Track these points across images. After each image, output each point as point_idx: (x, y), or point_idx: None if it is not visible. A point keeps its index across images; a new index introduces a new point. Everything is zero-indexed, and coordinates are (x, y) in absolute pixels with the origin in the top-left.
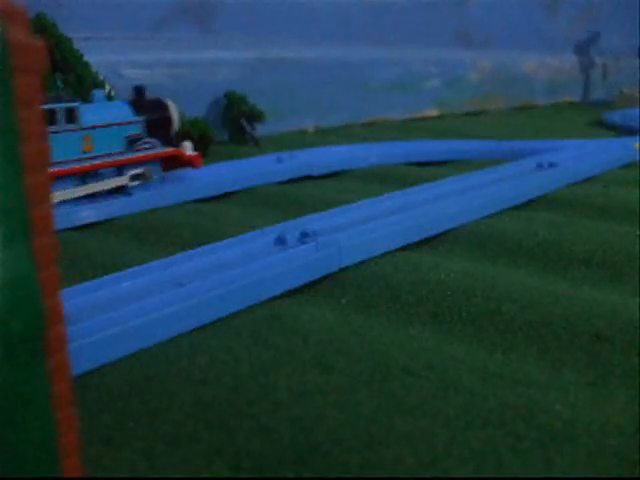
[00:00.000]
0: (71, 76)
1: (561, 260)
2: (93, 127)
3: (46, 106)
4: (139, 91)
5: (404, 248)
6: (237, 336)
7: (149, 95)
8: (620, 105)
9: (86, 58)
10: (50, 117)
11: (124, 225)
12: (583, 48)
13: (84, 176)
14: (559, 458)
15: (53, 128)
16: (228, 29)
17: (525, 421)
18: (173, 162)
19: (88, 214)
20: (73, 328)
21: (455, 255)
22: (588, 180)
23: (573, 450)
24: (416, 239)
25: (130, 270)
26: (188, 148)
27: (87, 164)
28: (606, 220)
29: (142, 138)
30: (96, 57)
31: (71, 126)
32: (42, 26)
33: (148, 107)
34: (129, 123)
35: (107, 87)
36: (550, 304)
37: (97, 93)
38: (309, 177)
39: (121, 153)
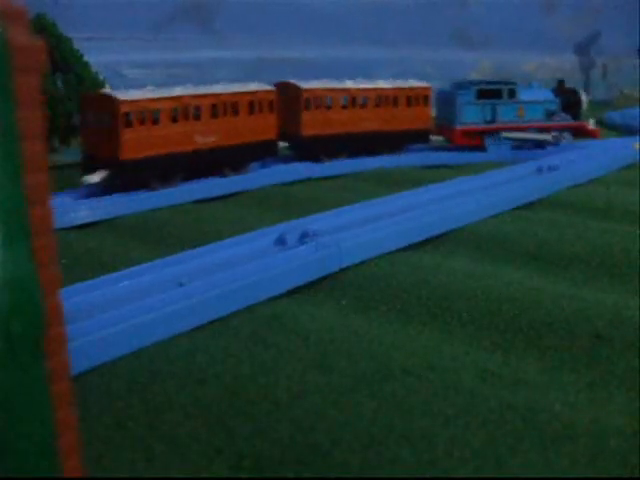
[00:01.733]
0: (71, 76)
1: (561, 260)
2: (526, 102)
3: (494, 86)
4: (560, 82)
5: (405, 249)
6: (237, 336)
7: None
8: (620, 105)
9: (86, 58)
10: (497, 93)
11: (124, 225)
12: (583, 48)
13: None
14: (559, 458)
15: (499, 101)
16: (228, 29)
17: (525, 421)
18: (580, 132)
19: (87, 214)
20: (73, 327)
21: (456, 256)
22: (588, 182)
23: (573, 450)
24: (417, 240)
25: (130, 269)
26: (591, 123)
27: (520, 125)
28: (606, 221)
29: (556, 113)
30: (96, 57)
31: (512, 100)
32: (42, 26)
33: (565, 93)
34: (549, 102)
35: (107, 87)
36: (550, 304)
37: (534, 83)
38: (309, 178)
39: (541, 121)
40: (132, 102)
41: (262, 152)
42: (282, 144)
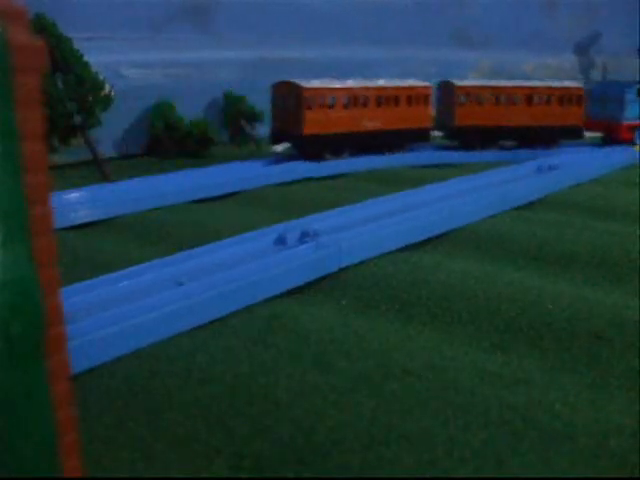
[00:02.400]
0: (71, 76)
1: (561, 260)
2: None
3: None
4: None
5: (405, 248)
6: (237, 336)
7: None
8: None
9: (86, 58)
10: None
11: (124, 225)
12: (583, 48)
13: None
14: (559, 458)
15: None
16: (228, 29)
17: (525, 421)
18: None
19: (87, 214)
20: (73, 327)
21: (455, 255)
22: (588, 182)
23: (573, 450)
24: (417, 239)
25: (130, 269)
26: None
27: None
28: (606, 221)
29: None
30: (96, 57)
31: None
32: (42, 26)
33: None
34: None
35: (107, 87)
36: (550, 304)
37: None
38: (309, 178)
39: None
40: (313, 89)
41: (417, 138)
42: (438, 133)
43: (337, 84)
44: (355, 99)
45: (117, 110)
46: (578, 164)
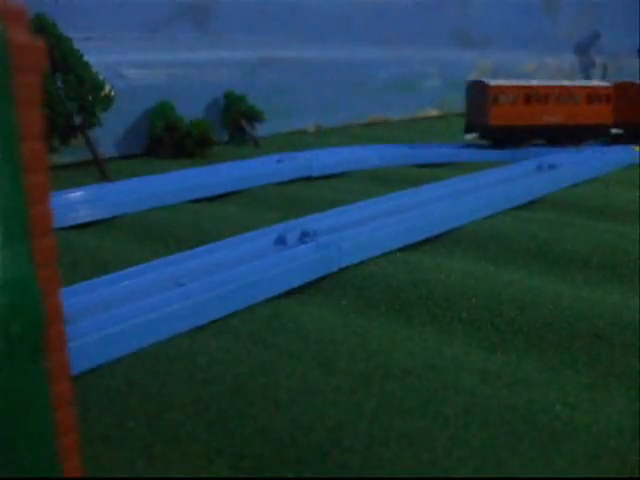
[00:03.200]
0: (71, 76)
1: (561, 260)
2: None
3: None
4: None
5: (404, 248)
6: (237, 336)
7: None
8: None
9: (86, 58)
10: None
11: (124, 225)
12: (583, 48)
13: None
14: (559, 458)
15: None
16: (228, 29)
17: (525, 421)
18: None
19: (87, 213)
20: (73, 327)
21: (455, 255)
22: (588, 181)
23: (573, 450)
24: (416, 239)
25: (130, 269)
26: None
27: None
28: (606, 221)
29: None
30: (96, 57)
31: None
32: (42, 26)
33: None
34: None
35: (107, 87)
36: (550, 304)
37: None
38: (309, 177)
39: None
40: (498, 87)
41: (596, 133)
42: (617, 130)
43: (520, 83)
44: (536, 96)
45: (117, 110)
46: (578, 163)
